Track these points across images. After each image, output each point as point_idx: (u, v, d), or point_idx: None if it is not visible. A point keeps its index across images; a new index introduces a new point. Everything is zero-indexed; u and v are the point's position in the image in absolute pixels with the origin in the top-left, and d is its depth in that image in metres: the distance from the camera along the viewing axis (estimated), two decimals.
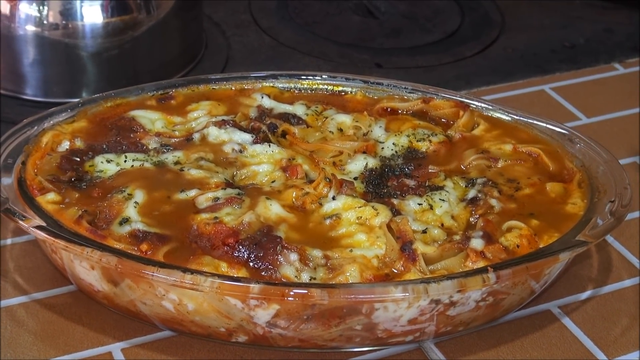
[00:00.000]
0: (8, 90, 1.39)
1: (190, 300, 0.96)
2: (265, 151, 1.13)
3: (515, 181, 1.11)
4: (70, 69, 1.37)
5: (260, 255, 0.98)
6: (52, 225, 0.99)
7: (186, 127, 1.18)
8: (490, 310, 1.01)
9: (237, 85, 1.26)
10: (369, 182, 1.10)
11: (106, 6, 1.35)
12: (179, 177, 1.08)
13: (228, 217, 1.01)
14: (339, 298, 0.94)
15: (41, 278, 1.10)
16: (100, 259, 0.96)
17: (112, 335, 1.03)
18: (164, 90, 1.23)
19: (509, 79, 1.51)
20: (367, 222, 1.03)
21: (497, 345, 1.04)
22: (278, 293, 0.93)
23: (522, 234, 1.02)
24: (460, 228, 1.05)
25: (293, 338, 0.98)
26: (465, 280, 0.95)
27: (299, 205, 1.06)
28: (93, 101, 1.19)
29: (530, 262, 0.98)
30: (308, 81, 1.27)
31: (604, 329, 1.07)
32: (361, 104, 1.25)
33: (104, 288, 1.00)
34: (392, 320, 0.97)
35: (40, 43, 1.35)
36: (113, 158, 1.11)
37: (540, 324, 1.07)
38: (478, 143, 1.18)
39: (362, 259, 0.99)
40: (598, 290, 1.12)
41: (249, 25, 1.63)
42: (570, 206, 1.08)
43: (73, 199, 1.04)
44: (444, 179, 1.11)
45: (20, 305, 1.06)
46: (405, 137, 1.17)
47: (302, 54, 1.56)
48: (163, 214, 1.03)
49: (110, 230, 1.00)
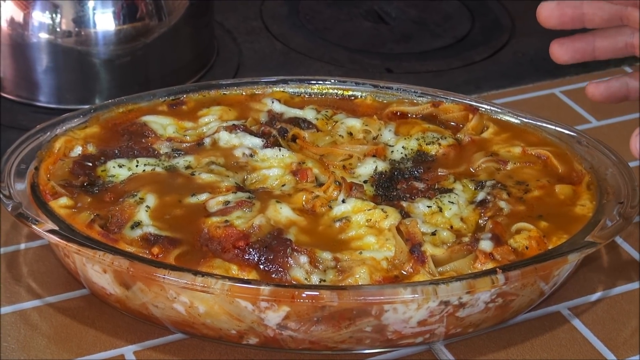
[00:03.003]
0: (22, 97, 1.41)
1: (201, 303, 0.97)
2: (276, 155, 1.14)
3: (524, 183, 1.11)
4: (82, 76, 1.38)
5: (271, 257, 0.99)
6: (65, 230, 1.00)
7: (197, 132, 1.19)
8: (499, 311, 1.01)
9: (247, 90, 1.26)
10: (378, 185, 1.11)
11: (118, 13, 1.36)
12: (190, 182, 1.09)
13: (238, 221, 1.02)
14: (348, 300, 0.94)
15: (54, 282, 1.10)
16: (112, 262, 0.96)
17: (124, 338, 1.04)
18: (175, 96, 1.24)
19: (519, 83, 1.51)
20: (377, 225, 1.04)
21: (507, 347, 1.05)
22: (288, 295, 0.94)
23: (531, 235, 1.03)
24: (469, 230, 1.05)
25: (303, 340, 0.98)
26: (474, 282, 0.96)
27: (308, 208, 1.07)
28: (105, 107, 1.20)
29: (539, 263, 0.98)
30: (318, 86, 1.28)
31: (614, 330, 1.07)
32: (371, 108, 1.25)
33: (116, 291, 1.01)
34: (401, 322, 0.97)
35: (53, 50, 1.36)
36: (125, 163, 1.11)
37: (550, 326, 1.07)
38: (487, 146, 1.18)
39: (372, 261, 0.99)
40: (608, 292, 1.12)
41: (260, 32, 1.64)
42: (579, 208, 1.08)
43: (85, 204, 1.05)
44: (453, 181, 1.11)
45: (34, 309, 1.07)
46: (415, 141, 1.18)
47: (313, 59, 1.57)
48: (174, 217, 1.04)
49: (122, 234, 1.01)
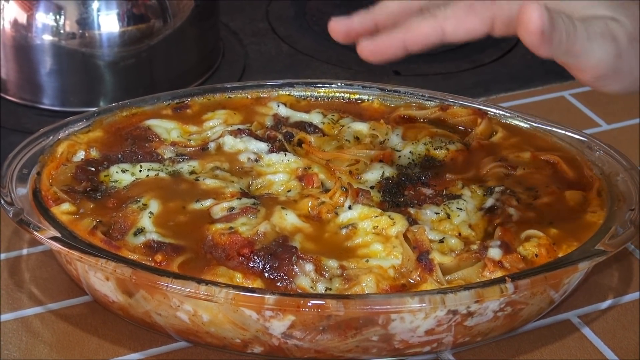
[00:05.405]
0: (26, 99, 1.40)
1: (205, 311, 0.96)
2: (281, 160, 1.12)
3: (534, 189, 1.10)
4: (87, 79, 1.37)
5: (276, 265, 0.97)
6: (67, 236, 0.99)
7: (202, 136, 1.17)
8: (508, 320, 1.00)
9: (253, 93, 1.25)
10: (385, 191, 1.10)
11: (123, 15, 1.35)
12: (194, 187, 1.08)
13: (243, 227, 1.01)
14: (354, 309, 0.93)
15: (57, 289, 1.09)
16: (114, 270, 0.95)
17: (127, 347, 1.03)
18: (179, 100, 1.23)
19: (528, 85, 1.50)
20: (384, 232, 1.03)
21: (516, 356, 1.03)
22: (293, 304, 0.93)
23: (540, 243, 1.01)
24: (478, 237, 1.04)
25: (309, 349, 0.97)
26: (483, 291, 0.94)
27: (314, 215, 1.05)
28: (109, 111, 1.19)
29: (549, 272, 0.97)
30: (324, 89, 1.26)
31: (625, 338, 1.06)
32: (378, 112, 1.24)
33: (119, 299, 1.00)
34: (409, 331, 0.96)
35: (57, 52, 1.35)
36: (128, 168, 1.10)
37: (560, 334, 1.06)
38: (496, 151, 1.17)
39: (379, 269, 0.98)
40: (618, 300, 1.11)
41: (267, 34, 1.63)
42: (589, 215, 1.07)
43: (88, 210, 1.04)
44: (461, 187, 1.10)
45: (36, 316, 1.06)
46: (423, 145, 1.16)
47: (320, 61, 1.55)
48: (178, 224, 1.02)
49: (125, 240, 1.00)
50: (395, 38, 0.89)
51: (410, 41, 0.89)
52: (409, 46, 0.89)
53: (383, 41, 0.90)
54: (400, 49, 0.90)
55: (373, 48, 0.90)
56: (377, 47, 0.90)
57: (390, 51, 0.90)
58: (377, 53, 0.90)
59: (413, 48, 0.90)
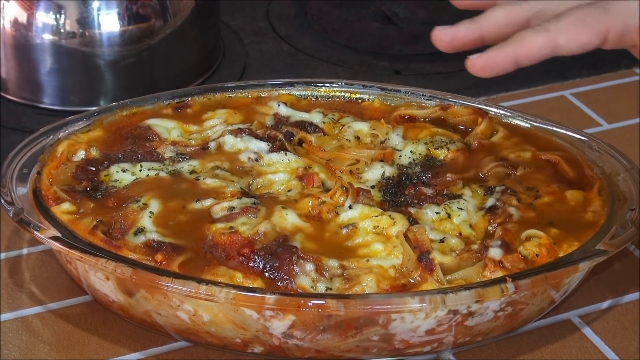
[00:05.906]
0: (26, 99, 1.39)
1: (205, 311, 0.95)
2: (282, 160, 1.12)
3: (535, 189, 1.10)
4: (87, 78, 1.37)
5: (276, 265, 0.97)
6: (67, 236, 0.99)
7: (202, 135, 1.17)
8: (509, 320, 1.00)
9: (253, 93, 1.25)
10: (386, 191, 1.09)
11: (123, 14, 1.35)
12: (194, 187, 1.07)
13: (243, 227, 1.01)
14: (355, 309, 0.93)
15: (57, 288, 1.09)
16: (114, 269, 0.95)
17: (127, 346, 1.03)
18: (180, 99, 1.22)
19: (529, 85, 1.49)
20: (384, 232, 1.02)
21: (516, 356, 1.03)
22: (294, 304, 0.92)
23: (541, 243, 1.01)
24: (479, 237, 1.04)
25: (309, 349, 0.97)
26: (483, 291, 0.94)
27: (315, 214, 1.05)
28: (109, 110, 1.19)
29: (550, 271, 0.97)
30: (325, 88, 1.26)
31: (626, 338, 1.06)
32: (378, 112, 1.24)
33: (119, 299, 1.00)
34: (409, 331, 0.96)
35: (57, 52, 1.35)
36: (128, 167, 1.10)
37: (560, 334, 1.06)
38: (497, 150, 1.16)
39: (379, 269, 0.98)
40: (619, 300, 1.11)
41: (267, 33, 1.62)
42: (590, 214, 1.06)
43: (88, 209, 1.04)
44: (462, 187, 1.10)
45: (36, 316, 1.06)
46: (423, 145, 1.16)
47: (321, 61, 1.55)
48: (178, 223, 1.02)
49: (125, 240, 1.00)
50: (507, 52, 0.88)
51: (522, 56, 0.88)
52: (521, 61, 0.88)
53: (494, 56, 0.88)
54: (511, 63, 0.88)
55: (484, 64, 0.88)
56: (488, 62, 0.88)
57: (501, 66, 0.88)
58: (488, 68, 0.88)
59: (524, 62, 0.88)
